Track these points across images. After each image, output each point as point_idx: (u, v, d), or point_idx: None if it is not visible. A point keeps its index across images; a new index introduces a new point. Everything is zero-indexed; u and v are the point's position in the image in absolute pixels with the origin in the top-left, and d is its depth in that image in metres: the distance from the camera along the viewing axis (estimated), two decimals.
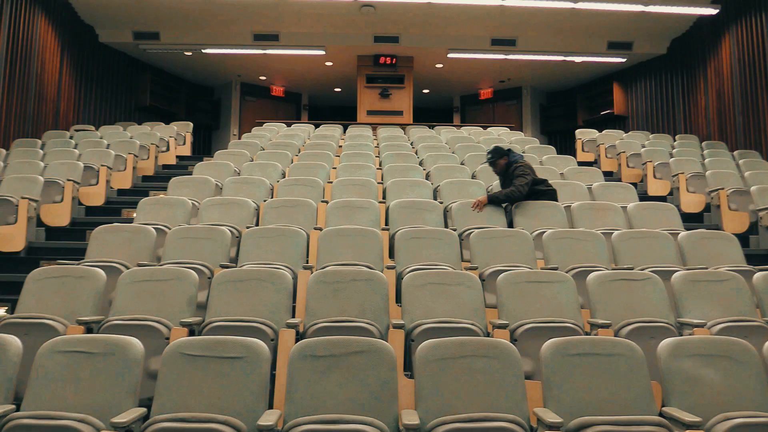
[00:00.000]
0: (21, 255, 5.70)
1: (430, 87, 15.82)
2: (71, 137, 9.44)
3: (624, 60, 13.15)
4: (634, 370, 2.82)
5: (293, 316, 3.92)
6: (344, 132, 10.98)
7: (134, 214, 5.76)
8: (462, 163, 7.78)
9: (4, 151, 8.19)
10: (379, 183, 6.73)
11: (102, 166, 7.29)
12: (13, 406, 2.63)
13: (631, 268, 4.35)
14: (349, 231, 4.75)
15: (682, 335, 3.51)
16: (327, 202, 5.77)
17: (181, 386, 2.72)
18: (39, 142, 8.98)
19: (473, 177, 7.06)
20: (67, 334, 3.30)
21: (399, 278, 4.19)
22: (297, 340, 3.19)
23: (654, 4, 10.51)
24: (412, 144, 9.45)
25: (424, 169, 7.38)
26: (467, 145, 8.86)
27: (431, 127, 11.69)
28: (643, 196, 7.45)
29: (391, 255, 4.88)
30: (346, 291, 3.73)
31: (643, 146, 9.16)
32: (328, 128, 11.06)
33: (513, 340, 3.38)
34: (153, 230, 4.84)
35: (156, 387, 2.74)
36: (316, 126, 11.47)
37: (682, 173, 7.37)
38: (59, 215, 6.37)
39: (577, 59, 13.14)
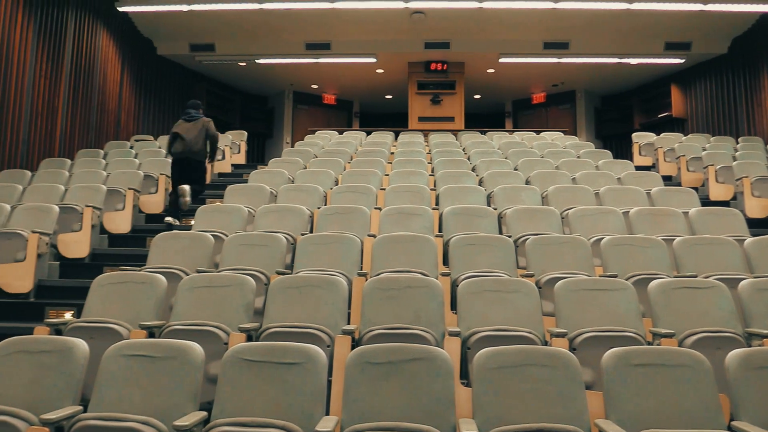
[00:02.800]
0: (86, 261, 5.90)
1: (481, 92, 15.71)
2: (131, 147, 9.76)
3: (682, 61, 12.76)
4: (701, 382, 2.72)
5: (348, 323, 3.93)
6: (396, 139, 11.01)
7: (192, 222, 5.90)
8: (515, 169, 7.70)
9: (69, 161, 8.53)
10: (431, 189, 6.71)
11: (161, 174, 7.49)
12: (81, 408, 2.72)
13: (695, 276, 4.20)
14: (402, 238, 4.75)
15: (750, 346, 3.37)
16: (380, 208, 5.79)
17: (241, 391, 2.76)
18: (101, 152, 9.32)
19: (527, 182, 6.97)
20: (130, 339, 3.40)
21: (454, 285, 4.17)
22: (353, 347, 3.19)
23: (714, 2, 10.18)
24: (464, 150, 9.40)
25: (477, 175, 7.32)
26: (520, 151, 8.76)
27: (483, 132, 11.60)
28: (705, 201, 7.21)
29: (445, 262, 4.86)
30: (401, 298, 3.72)
31: (704, 149, 8.87)
32: (380, 135, 11.11)
33: (572, 349, 3.31)
34: (211, 237, 4.94)
35: (216, 391, 2.79)
36: (368, 133, 11.53)
37: (747, 177, 7.09)
38: (121, 223, 6.58)
39: (633, 61, 12.83)
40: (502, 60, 12.97)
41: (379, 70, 14.07)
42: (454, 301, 3.91)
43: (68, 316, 4.75)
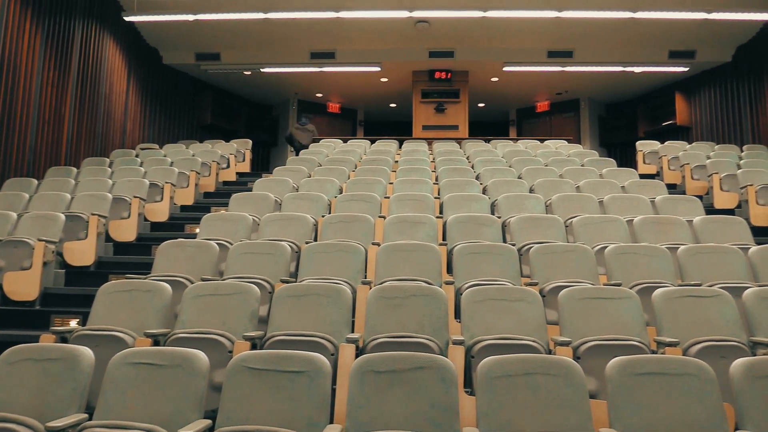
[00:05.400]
0: (91, 269, 5.92)
1: (485, 100, 15.74)
2: (137, 155, 9.80)
3: (686, 69, 12.76)
4: (705, 391, 2.71)
5: (352, 331, 3.94)
6: (400, 147, 11.02)
7: (197, 230, 5.92)
8: (519, 177, 7.70)
9: (75, 170, 8.57)
10: (435, 198, 6.71)
11: (166, 183, 7.53)
12: (86, 416, 2.73)
13: (699, 285, 4.20)
14: (407, 246, 4.76)
15: (755, 355, 3.37)
16: (384, 217, 5.80)
17: (245, 399, 2.77)
18: (107, 160, 9.36)
19: (531, 191, 6.97)
20: (135, 346, 3.42)
21: (458, 294, 4.17)
22: (357, 356, 3.20)
23: (718, 10, 10.17)
24: (468, 158, 9.41)
25: (481, 184, 7.33)
26: (524, 159, 8.77)
27: (487, 140, 11.62)
28: (710, 210, 7.18)
29: (449, 270, 4.86)
30: (405, 306, 3.73)
31: (709, 157, 8.86)
32: (384, 143, 11.12)
33: (576, 358, 3.31)
34: (215, 245, 4.96)
35: (221, 399, 2.80)
36: (372, 141, 11.54)
37: (751, 185, 7.08)
38: (126, 231, 6.61)
39: (637, 69, 12.83)
40: (506, 68, 12.99)
41: (384, 79, 14.12)
42: (458, 310, 3.91)
43: (74, 324, 4.77)
